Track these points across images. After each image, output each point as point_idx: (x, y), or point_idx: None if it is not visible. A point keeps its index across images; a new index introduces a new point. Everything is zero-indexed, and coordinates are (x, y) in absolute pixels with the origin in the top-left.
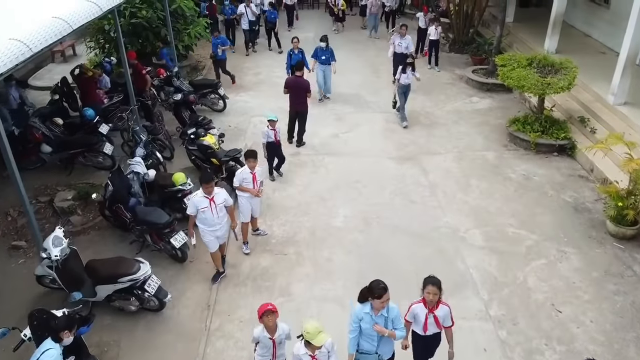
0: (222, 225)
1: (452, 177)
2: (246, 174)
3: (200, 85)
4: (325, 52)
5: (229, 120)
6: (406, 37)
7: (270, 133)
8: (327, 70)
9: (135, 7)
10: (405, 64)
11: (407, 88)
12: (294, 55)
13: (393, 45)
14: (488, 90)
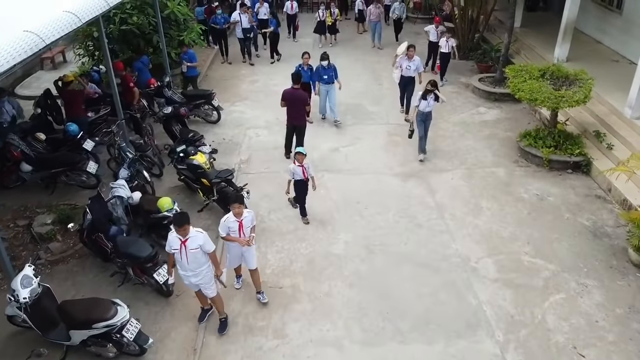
0: (198, 274)
1: (461, 197)
2: (231, 223)
3: (193, 95)
4: (328, 70)
5: (224, 133)
6: (415, 59)
7: (298, 170)
8: (332, 90)
9: (125, 12)
10: (426, 91)
11: (427, 116)
12: (303, 72)
13: (399, 68)
14: (496, 100)
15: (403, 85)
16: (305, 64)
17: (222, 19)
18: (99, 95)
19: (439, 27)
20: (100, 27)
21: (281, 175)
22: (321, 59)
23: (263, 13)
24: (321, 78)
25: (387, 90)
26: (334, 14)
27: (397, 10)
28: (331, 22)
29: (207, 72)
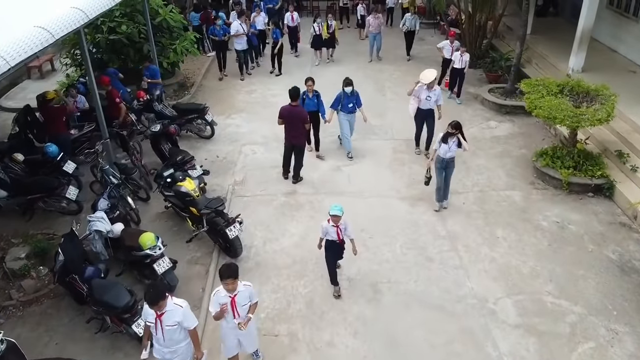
0: (175, 351)
1: (474, 225)
2: (222, 298)
3: (185, 110)
4: (351, 98)
5: (217, 149)
6: (435, 89)
7: (331, 230)
8: (353, 120)
9: (114, 21)
10: (448, 134)
11: (449, 164)
12: (308, 100)
13: (417, 99)
14: (507, 113)
15: (421, 119)
16: (309, 91)
17: (221, 30)
18: (83, 111)
19: (454, 42)
20: (82, 38)
21: (278, 198)
22: (345, 85)
23: (261, 23)
24: (344, 107)
25: (391, 102)
26: (331, 26)
27: (409, 21)
28: (327, 36)
29: (202, 82)
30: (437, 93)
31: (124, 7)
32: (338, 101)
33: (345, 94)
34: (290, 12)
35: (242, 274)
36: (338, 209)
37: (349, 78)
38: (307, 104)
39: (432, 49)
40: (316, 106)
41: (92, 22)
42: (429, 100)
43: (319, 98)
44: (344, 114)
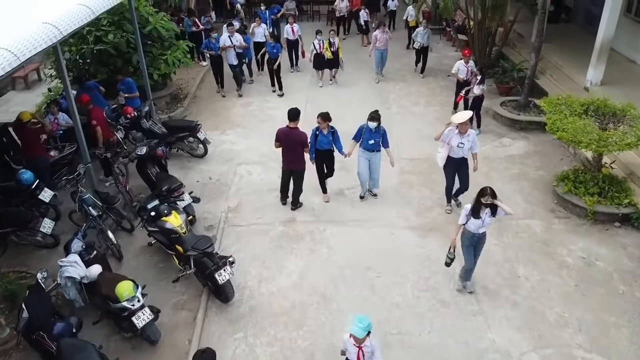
0: None
1: (493, 261)
2: None
3: (175, 127)
4: (375, 135)
5: (210, 170)
6: (469, 134)
7: (352, 350)
8: (376, 160)
9: (101, 30)
10: (480, 204)
11: (480, 240)
12: (322, 136)
13: (447, 146)
14: (522, 130)
15: (453, 169)
16: (324, 128)
17: (217, 44)
18: (67, 129)
19: (469, 62)
20: (58, 52)
21: (276, 227)
22: (369, 119)
23: (260, 35)
24: (365, 142)
25: (397, 116)
26: (334, 45)
27: (421, 36)
28: (331, 56)
29: (196, 93)
30: (471, 138)
31: (112, 15)
32: (360, 134)
33: (369, 129)
34: (290, 24)
35: (234, 320)
36: (362, 328)
37: (377, 112)
38: (320, 141)
39: (439, 57)
40: (331, 144)
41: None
42: (462, 147)
43: (336, 135)
44: (363, 151)
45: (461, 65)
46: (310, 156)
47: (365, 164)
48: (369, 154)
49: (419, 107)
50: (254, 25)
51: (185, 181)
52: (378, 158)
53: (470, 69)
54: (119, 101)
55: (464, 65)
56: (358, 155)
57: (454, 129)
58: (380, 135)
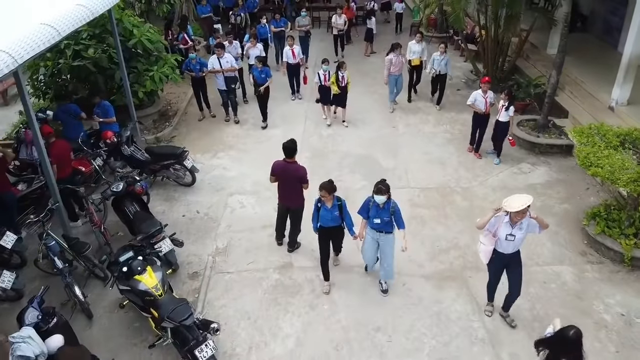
0: None
1: (521, 319)
2: None
3: (160, 154)
4: (383, 212)
5: (198, 202)
6: (523, 223)
7: None
8: (387, 243)
9: (80, 43)
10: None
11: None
12: (325, 211)
13: (493, 238)
14: (541, 153)
15: (500, 267)
16: (327, 201)
17: (197, 65)
18: (35, 160)
19: (487, 92)
20: (19, 77)
21: (270, 275)
22: (376, 191)
23: (255, 56)
24: (371, 221)
25: (404, 137)
26: (343, 80)
27: (437, 62)
28: (337, 91)
29: (187, 109)
30: (525, 227)
31: (93, 27)
32: (366, 209)
33: (376, 204)
34: (290, 46)
35: None
36: None
37: (384, 183)
38: (323, 217)
39: None
40: (338, 220)
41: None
42: (512, 240)
43: (344, 208)
44: (371, 231)
45: (478, 96)
46: (314, 227)
47: (373, 245)
48: (377, 234)
49: (428, 126)
50: (248, 47)
51: (170, 215)
52: (390, 241)
53: (489, 100)
54: (93, 126)
55: (482, 95)
56: (366, 236)
57: (503, 217)
58: (389, 214)
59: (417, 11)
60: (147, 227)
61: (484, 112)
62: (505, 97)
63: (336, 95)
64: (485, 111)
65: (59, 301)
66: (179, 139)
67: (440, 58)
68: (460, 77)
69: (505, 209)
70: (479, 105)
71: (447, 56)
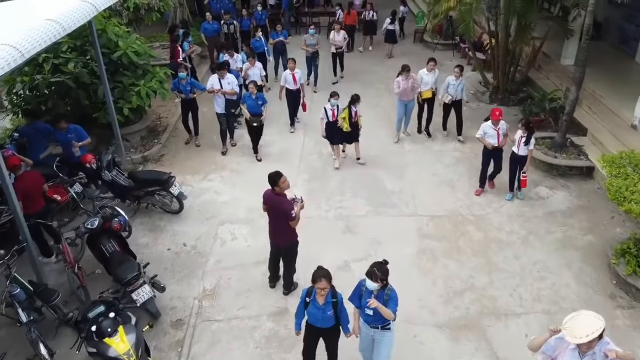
0: None
1: None
2: None
3: (144, 180)
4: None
5: (185, 232)
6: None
7: None
8: (382, 341)
9: (60, 57)
10: None
11: None
12: (315, 308)
13: None
14: (560, 176)
15: None
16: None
17: (187, 85)
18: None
19: (499, 124)
20: None
21: (263, 324)
22: (368, 273)
23: (257, 77)
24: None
25: (410, 155)
26: (356, 115)
27: (453, 87)
28: (348, 129)
29: (177, 124)
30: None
31: (74, 38)
32: (357, 295)
33: (367, 289)
34: (291, 69)
35: None
36: None
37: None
38: (313, 315)
39: None
40: (332, 320)
41: None
42: None
43: (339, 306)
44: (363, 323)
45: (488, 128)
46: (296, 324)
47: (367, 342)
48: (371, 330)
49: (435, 144)
50: (246, 67)
51: (154, 249)
52: (386, 341)
53: (501, 132)
54: (75, 152)
55: (493, 127)
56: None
57: (564, 340)
58: (382, 299)
59: (421, 16)
60: (124, 272)
61: (495, 146)
62: (522, 128)
63: (347, 133)
64: (498, 145)
65: (25, 356)
66: (168, 157)
67: (456, 83)
68: (469, 89)
69: (567, 338)
70: (490, 139)
71: (463, 80)
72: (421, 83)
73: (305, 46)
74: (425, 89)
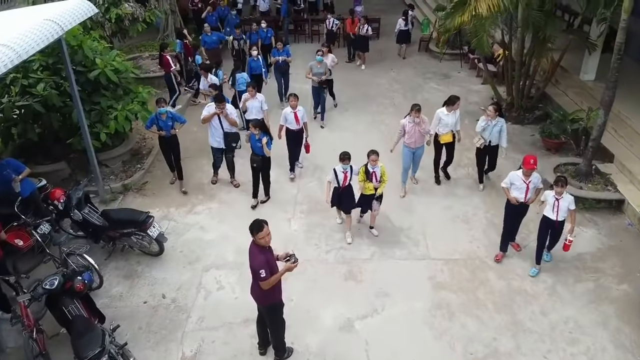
0: None
1: None
2: None
3: (118, 220)
4: None
5: (165, 280)
6: None
7: None
8: None
9: (29, 77)
10: None
11: None
12: None
13: None
14: (587, 209)
15: None
16: None
17: (168, 121)
18: None
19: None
20: None
21: None
22: None
23: (256, 111)
24: None
25: (419, 184)
26: (375, 177)
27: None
28: (372, 190)
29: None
30: None
31: (46, 56)
32: None
33: None
34: (293, 107)
35: None
36: None
37: None
38: None
39: (462, 91)
40: None
41: None
42: None
43: None
44: None
45: (517, 179)
46: None
47: None
48: None
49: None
50: (245, 98)
51: (128, 301)
52: None
53: (532, 187)
54: (15, 188)
55: (523, 179)
56: None
57: None
58: None
59: (426, 25)
60: (84, 348)
61: (521, 202)
62: (560, 187)
63: (365, 196)
64: (527, 201)
65: None
66: (151, 186)
67: (493, 124)
68: (479, 104)
69: None
70: (516, 193)
71: (501, 122)
72: (439, 124)
73: (312, 75)
74: (445, 132)
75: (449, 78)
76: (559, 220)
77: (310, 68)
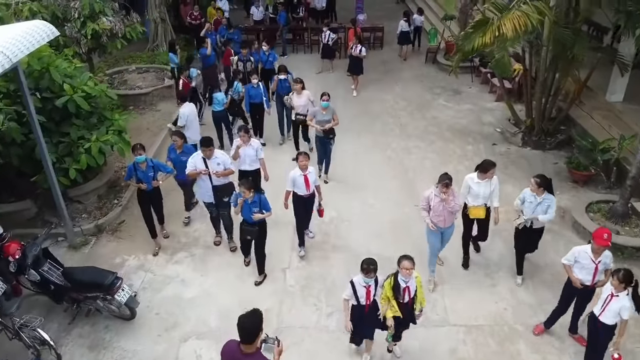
0: None
1: None
2: None
3: (82, 283)
4: None
5: (136, 354)
6: None
7: None
8: None
9: None
10: None
11: None
12: None
13: None
14: (624, 257)
15: None
16: None
17: (149, 171)
18: None
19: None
20: None
21: None
22: None
23: (250, 159)
24: None
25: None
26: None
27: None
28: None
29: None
30: None
31: (8, 81)
32: None
33: None
34: (302, 167)
35: None
36: None
37: None
38: None
39: (474, 108)
40: None
41: None
42: None
43: None
44: None
45: (584, 257)
46: None
47: None
48: None
49: None
50: (237, 144)
51: None
52: None
53: (601, 267)
54: None
55: (591, 257)
56: None
57: None
58: None
59: (434, 34)
60: None
61: (585, 286)
62: (620, 282)
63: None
64: (591, 285)
65: None
66: (128, 226)
67: (538, 201)
68: (494, 125)
69: None
70: (582, 275)
71: (550, 199)
72: (468, 194)
73: (315, 123)
74: (476, 205)
75: (459, 94)
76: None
77: (314, 115)
